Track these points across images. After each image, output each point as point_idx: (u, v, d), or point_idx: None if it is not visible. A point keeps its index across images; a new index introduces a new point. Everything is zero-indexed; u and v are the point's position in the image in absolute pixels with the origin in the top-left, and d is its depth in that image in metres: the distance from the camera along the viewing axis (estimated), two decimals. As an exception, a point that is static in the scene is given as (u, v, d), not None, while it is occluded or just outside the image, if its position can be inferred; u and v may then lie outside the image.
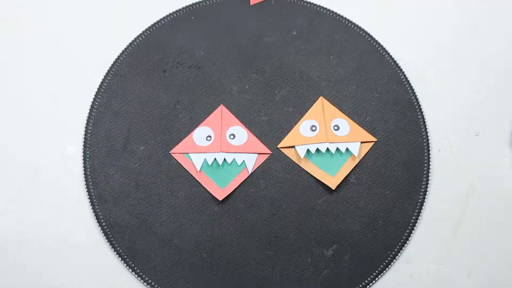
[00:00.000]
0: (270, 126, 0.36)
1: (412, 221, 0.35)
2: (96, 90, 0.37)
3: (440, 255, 0.35)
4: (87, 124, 0.36)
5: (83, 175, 0.35)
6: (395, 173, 0.35)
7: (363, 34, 0.39)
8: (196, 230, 0.34)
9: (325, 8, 0.39)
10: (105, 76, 0.37)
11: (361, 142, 0.36)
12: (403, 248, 0.35)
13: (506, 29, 0.40)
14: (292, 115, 0.36)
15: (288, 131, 0.36)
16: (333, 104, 0.37)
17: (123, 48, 0.38)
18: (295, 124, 0.36)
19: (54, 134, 0.36)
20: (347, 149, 0.35)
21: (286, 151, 0.36)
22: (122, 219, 0.34)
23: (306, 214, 0.35)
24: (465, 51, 0.39)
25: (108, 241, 0.34)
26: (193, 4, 0.39)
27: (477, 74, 0.39)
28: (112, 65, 0.37)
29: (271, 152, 0.36)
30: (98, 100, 0.36)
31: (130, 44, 0.38)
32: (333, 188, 0.35)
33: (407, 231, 0.35)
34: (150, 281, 0.33)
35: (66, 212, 0.35)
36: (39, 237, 0.34)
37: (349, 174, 0.35)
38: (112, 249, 0.34)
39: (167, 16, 0.38)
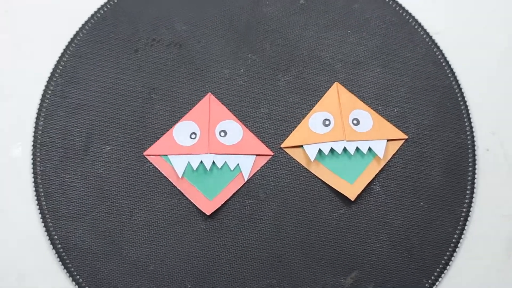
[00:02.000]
0: (271, 120, 0.36)
1: (453, 240, 0.34)
2: (48, 75, 0.36)
3: (490, 282, 0.34)
4: (37, 119, 0.35)
5: (33, 184, 0.34)
6: (431, 179, 0.35)
7: (390, 2, 0.39)
8: (178, 253, 0.33)
9: (341, -30, 0.38)
10: (59, 58, 0.37)
11: (388, 140, 0.35)
12: (443, 274, 0.34)
13: None
14: (299, 106, 0.36)
15: (295, 127, 0.36)
16: (351, 92, 0.36)
17: (82, 22, 0.37)
18: (303, 117, 0.36)
19: (-4, 131, 0.35)
20: (369, 149, 0.35)
21: (291, 152, 0.35)
22: (83, 240, 0.33)
23: (317, 233, 0.34)
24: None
25: (64, 268, 0.33)
26: (172, -35, 0.38)
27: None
28: (69, 44, 0.37)
29: (272, 154, 0.35)
30: (51, 88, 0.36)
31: (92, 16, 0.37)
32: (352, 199, 0.34)
33: (448, 253, 0.34)
34: (118, 319, 0.32)
35: (10, 231, 0.34)
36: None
37: (372, 181, 0.35)
38: (70, 278, 0.33)
39: (139, -20, 0.38)
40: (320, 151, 0.35)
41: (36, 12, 0.38)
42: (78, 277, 0.33)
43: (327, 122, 0.36)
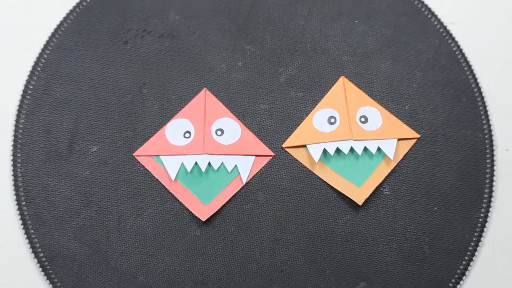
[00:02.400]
0: (272, 117, 0.36)
1: (470, 248, 0.34)
2: (30, 69, 0.36)
3: None
4: (17, 116, 0.35)
5: (13, 187, 0.34)
6: (445, 182, 0.35)
7: None
8: (170, 262, 0.33)
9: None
10: (42, 50, 0.36)
11: (398, 140, 0.35)
12: (459, 286, 0.33)
13: None
14: (302, 102, 0.36)
15: (297, 125, 0.36)
16: (359, 87, 0.36)
17: (67, 11, 0.37)
18: (307, 114, 0.36)
19: (-27, 130, 0.35)
20: (379, 149, 0.35)
21: (294, 153, 0.35)
22: (67, 248, 0.33)
23: (322, 240, 0.34)
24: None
25: (47, 279, 0.32)
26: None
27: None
28: (52, 35, 0.37)
29: (273, 154, 0.35)
30: (34, 83, 0.36)
31: (77, 5, 0.37)
32: (360, 204, 0.34)
33: (464, 262, 0.34)
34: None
35: None
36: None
37: (381, 184, 0.35)
38: None
39: (129, -34, 0.37)
40: (325, 151, 0.35)
41: (16, 2, 0.37)
42: None
43: (332, 120, 0.35)
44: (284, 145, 0.35)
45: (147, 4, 0.37)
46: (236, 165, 0.35)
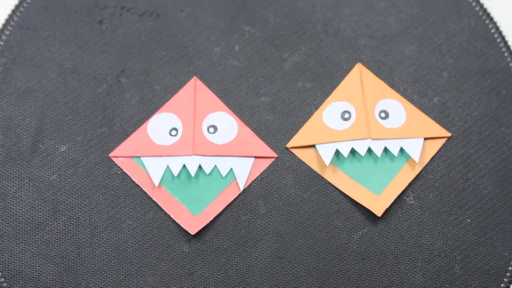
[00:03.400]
0: (275, 112, 0.35)
1: (510, 268, 0.33)
2: None
3: None
4: None
5: None
6: (481, 189, 0.34)
7: None
8: (153, 284, 0.32)
9: None
10: (1, 30, 0.36)
11: (425, 139, 0.34)
12: None
13: None
14: (311, 94, 0.35)
15: (305, 121, 0.35)
16: (378, 76, 0.35)
17: None
18: (316, 108, 0.35)
19: None
20: (402, 150, 0.34)
21: (301, 154, 0.34)
22: (30, 266, 0.32)
23: (334, 258, 0.33)
24: None
25: None
26: None
27: None
28: (12, 13, 0.36)
29: (276, 155, 0.34)
30: None
31: None
32: (379, 215, 0.33)
33: (502, 285, 0.32)
34: None
35: None
36: None
37: (405, 191, 0.34)
38: None
39: None
40: (337, 152, 0.34)
41: None
42: None
43: (346, 115, 0.35)
44: (288, 145, 0.35)
45: None
46: (231, 169, 0.34)
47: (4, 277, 0.32)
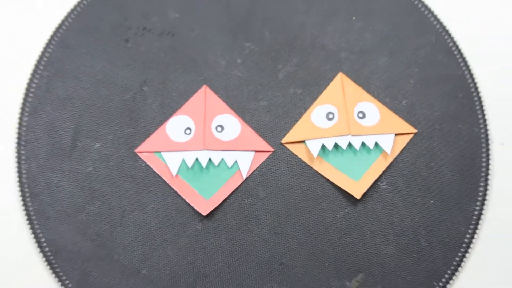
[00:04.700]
0: (271, 113, 0.37)
1: (465, 240, 0.35)
2: (32, 68, 0.37)
3: (504, 285, 0.35)
4: (21, 114, 0.36)
5: (18, 183, 0.35)
6: (442, 175, 0.36)
7: None
8: (172, 256, 0.34)
9: (345, -49, 0.39)
10: (44, 49, 0.38)
11: (396, 135, 0.36)
12: (454, 277, 0.35)
13: None
14: (301, 99, 0.37)
15: (296, 121, 0.36)
16: (356, 83, 0.37)
17: (69, 9, 0.39)
18: (305, 110, 0.37)
19: (-23, 128, 0.37)
20: (376, 144, 0.36)
21: (293, 148, 0.36)
22: (72, 243, 0.34)
23: (321, 233, 0.35)
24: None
25: (53, 273, 0.34)
26: None
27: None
28: (54, 34, 0.38)
29: (273, 150, 0.36)
30: (36, 81, 0.37)
31: (79, 3, 0.39)
32: (358, 198, 0.35)
33: (459, 254, 0.35)
34: (110, 326, 0.34)
35: None
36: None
37: (379, 178, 0.36)
38: (59, 283, 0.34)
39: (128, -35, 0.39)
40: (323, 146, 0.36)
41: (18, 0, 0.39)
42: (67, 281, 0.34)
43: (330, 116, 0.36)
44: (283, 141, 0.36)
45: (146, 1, 0.39)
46: (236, 161, 0.36)
47: (50, 251, 0.34)
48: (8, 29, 0.38)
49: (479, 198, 0.36)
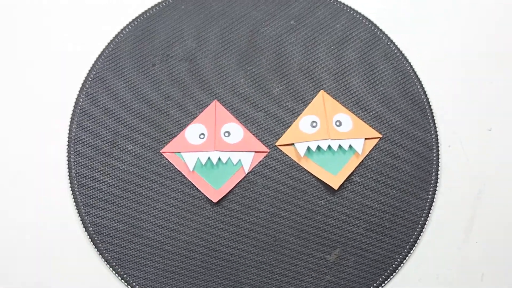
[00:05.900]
0: (268, 122, 0.39)
1: (420, 222, 0.37)
2: (80, 85, 0.39)
3: (451, 258, 0.37)
4: (71, 122, 0.38)
5: (68, 177, 0.37)
6: (401, 171, 0.38)
7: (367, 23, 0.41)
8: (190, 234, 0.36)
9: (325, -6, 0.41)
10: (90, 71, 0.39)
11: (365, 139, 0.38)
12: (411, 251, 0.37)
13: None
14: (291, 111, 0.39)
15: (287, 128, 0.39)
16: (334, 98, 0.39)
17: (109, 40, 0.40)
18: (294, 120, 0.39)
19: (36, 134, 0.39)
20: (350, 146, 0.38)
21: (285, 149, 0.38)
22: (110, 224, 0.36)
23: (307, 216, 0.37)
24: (476, 41, 0.42)
25: (95, 248, 0.36)
26: (183, -9, 0.41)
27: (490, 64, 0.41)
28: (98, 59, 0.40)
29: (268, 151, 0.38)
30: (83, 96, 0.39)
31: (117, 35, 0.40)
32: (336, 188, 0.37)
33: (416, 233, 0.37)
34: (140, 289, 0.36)
35: (50, 217, 0.37)
36: (21, 243, 0.37)
37: (352, 173, 0.38)
38: (100, 255, 0.36)
39: (156, 5, 0.41)
40: (308, 148, 0.38)
41: (71, 31, 0.41)
42: (107, 255, 0.36)
43: (314, 124, 0.38)
44: (277, 144, 0.38)
45: (170, 34, 0.40)
46: (240, 159, 0.37)
47: (94, 230, 0.37)
48: (61, 55, 0.40)
49: (431, 189, 0.38)
